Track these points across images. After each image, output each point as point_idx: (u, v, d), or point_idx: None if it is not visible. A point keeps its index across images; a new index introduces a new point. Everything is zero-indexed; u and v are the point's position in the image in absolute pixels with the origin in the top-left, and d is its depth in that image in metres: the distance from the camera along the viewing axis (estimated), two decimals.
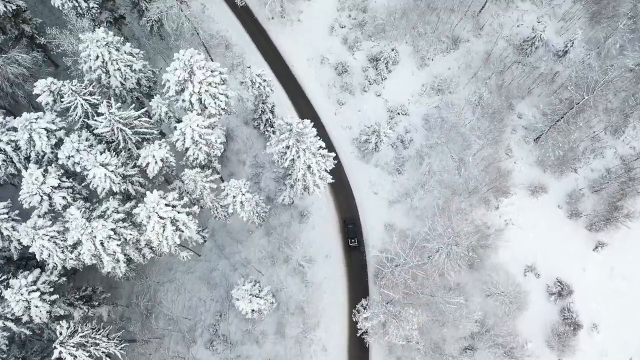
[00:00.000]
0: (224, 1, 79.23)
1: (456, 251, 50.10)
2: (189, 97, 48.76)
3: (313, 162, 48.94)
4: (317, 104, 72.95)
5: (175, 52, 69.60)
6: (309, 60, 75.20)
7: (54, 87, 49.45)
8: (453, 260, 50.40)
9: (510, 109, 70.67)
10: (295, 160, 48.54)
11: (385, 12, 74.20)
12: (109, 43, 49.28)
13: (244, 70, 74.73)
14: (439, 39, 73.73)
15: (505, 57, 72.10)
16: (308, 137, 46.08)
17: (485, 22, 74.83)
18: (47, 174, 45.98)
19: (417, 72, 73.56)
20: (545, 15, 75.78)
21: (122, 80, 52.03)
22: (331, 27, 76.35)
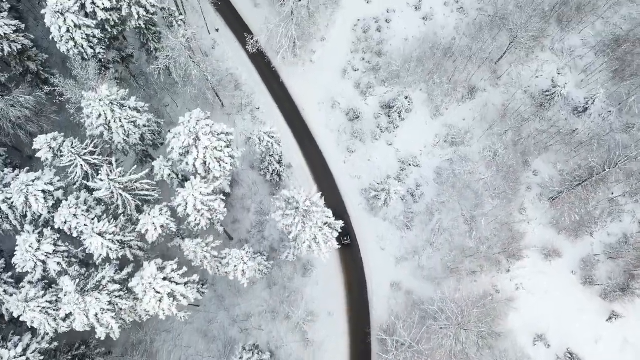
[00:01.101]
0: (234, 37, 77.29)
1: (465, 337, 47.79)
2: (193, 161, 46.82)
3: (319, 235, 46.80)
4: (327, 150, 70.83)
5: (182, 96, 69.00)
6: (319, 104, 73.08)
7: (54, 144, 47.63)
8: (461, 344, 48.09)
9: (526, 166, 68.25)
10: (301, 233, 46.43)
11: (401, 57, 71.85)
12: (113, 101, 47.34)
13: (253, 111, 72.85)
14: (455, 88, 71.32)
15: (523, 110, 69.56)
16: (315, 215, 43.93)
17: (503, 72, 72.35)
18: (42, 239, 44.22)
19: (430, 122, 71.24)
20: (566, 67, 73.24)
21: (125, 137, 50.11)
22: (344, 70, 74.18)
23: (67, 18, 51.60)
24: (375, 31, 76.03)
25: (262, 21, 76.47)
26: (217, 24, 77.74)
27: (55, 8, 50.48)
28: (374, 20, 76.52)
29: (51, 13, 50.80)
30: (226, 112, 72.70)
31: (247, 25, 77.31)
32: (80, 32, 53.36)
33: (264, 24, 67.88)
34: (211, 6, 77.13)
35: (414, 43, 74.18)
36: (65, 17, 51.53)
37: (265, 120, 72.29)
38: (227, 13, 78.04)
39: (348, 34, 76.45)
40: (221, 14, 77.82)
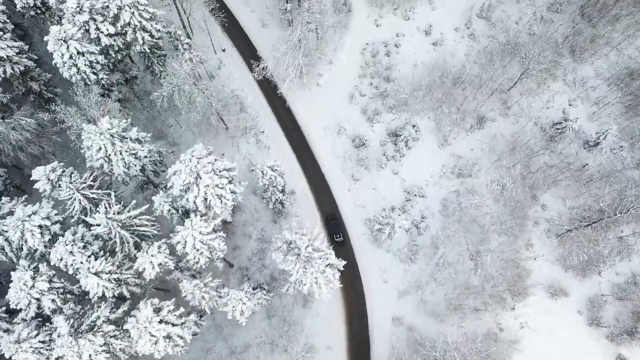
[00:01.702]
0: (241, 57, 76.21)
1: None
2: (194, 198, 45.68)
3: (321, 278, 45.56)
4: (331, 178, 69.62)
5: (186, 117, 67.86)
6: (325, 129, 71.86)
7: (53, 176, 46.67)
8: None
9: (534, 200, 66.80)
10: (302, 277, 45.21)
11: (409, 85, 70.53)
12: (113, 134, 46.29)
13: (257, 134, 71.70)
14: (463, 117, 69.93)
15: (533, 143, 68.09)
16: (317, 262, 42.72)
17: (513, 102, 70.89)
18: (37, 276, 43.19)
19: (437, 151, 69.87)
20: (578, 98, 71.71)
21: (125, 169, 49.06)
22: (351, 95, 72.94)
23: (70, 45, 50.69)
24: (384, 55, 74.74)
25: (270, 43, 75.54)
26: (224, 44, 76.69)
27: (58, 35, 49.56)
28: (383, 44, 75.23)
29: (54, 40, 49.84)
30: (230, 135, 71.61)
31: (255, 46, 76.15)
32: (83, 58, 52.43)
33: (271, 52, 66.56)
34: (218, 26, 76.17)
35: (423, 69, 72.86)
36: (68, 44, 50.56)
37: (269, 144, 71.22)
38: (234, 33, 76.96)
39: (356, 58, 75.20)
40: (228, 34, 76.79)
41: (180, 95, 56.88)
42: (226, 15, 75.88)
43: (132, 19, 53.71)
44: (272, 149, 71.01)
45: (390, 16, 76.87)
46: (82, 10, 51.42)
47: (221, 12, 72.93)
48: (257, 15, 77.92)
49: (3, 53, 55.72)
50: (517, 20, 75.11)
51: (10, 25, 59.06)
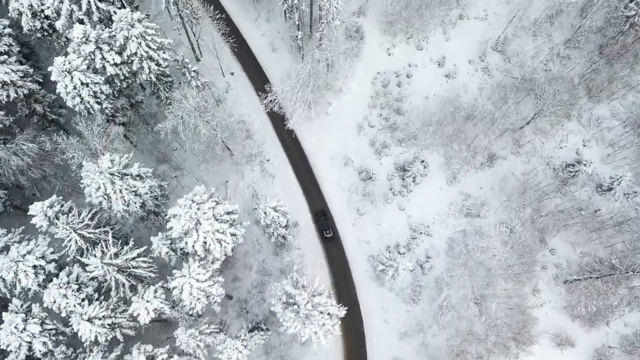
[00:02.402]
0: (249, 82, 74.93)
1: None
2: (193, 243, 44.41)
3: (320, 331, 44.18)
4: (336, 211, 68.20)
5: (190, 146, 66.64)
6: (332, 159, 70.46)
7: (50, 213, 45.55)
8: None
9: (543, 244, 65.05)
10: (301, 330, 43.85)
11: (419, 119, 68.97)
12: (114, 173, 45.11)
13: (263, 162, 70.42)
14: (474, 154, 68.28)
15: (544, 185, 66.34)
16: (316, 318, 41.32)
17: (525, 141, 69.15)
18: (29, 318, 42.10)
19: (445, 188, 68.26)
20: (592, 139, 69.84)
21: (125, 207, 47.90)
22: (360, 126, 71.47)
23: (74, 76, 49.60)
24: (395, 86, 73.20)
25: (280, 67, 74.61)
26: (233, 67, 75.44)
27: (62, 67, 48.53)
28: (395, 74, 73.68)
29: (58, 72, 48.75)
30: (235, 162, 70.38)
31: (264, 70, 74.97)
32: (87, 89, 51.32)
33: (280, 85, 65.17)
34: (228, 49, 74.92)
35: (435, 102, 71.24)
36: (72, 75, 49.48)
37: (274, 173, 69.95)
38: (244, 56, 75.69)
39: (367, 87, 73.70)
40: (238, 57, 75.54)
41: (185, 127, 55.59)
42: (236, 38, 74.71)
43: (139, 49, 52.58)
44: (276, 178, 69.72)
45: (403, 45, 75.30)
46: (88, 40, 50.33)
47: (231, 37, 71.82)
48: (267, 39, 76.62)
49: (7, 78, 54.71)
50: (533, 55, 73.29)
51: (16, 47, 58.10)
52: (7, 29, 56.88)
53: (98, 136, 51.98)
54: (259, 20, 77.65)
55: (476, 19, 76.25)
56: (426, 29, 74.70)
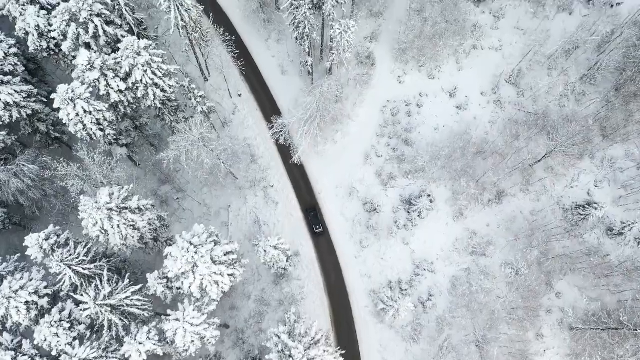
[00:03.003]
0: (257, 104, 73.88)
1: None
2: (189, 285, 43.31)
3: None
4: (338, 242, 66.96)
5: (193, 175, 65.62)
6: (337, 188, 69.20)
7: (46, 245, 44.64)
8: None
9: (549, 286, 63.40)
10: None
11: (428, 151, 67.46)
12: (112, 209, 44.11)
13: (266, 188, 69.30)
14: (482, 191, 66.76)
15: (553, 226, 64.72)
16: None
17: (536, 179, 67.53)
18: (18, 356, 41.16)
19: (451, 224, 66.79)
20: (605, 180, 68.10)
21: (122, 241, 46.91)
22: (367, 155, 70.15)
23: (77, 105, 48.65)
24: (404, 115, 71.86)
25: (288, 91, 73.68)
26: (241, 88, 74.41)
27: (65, 95, 47.56)
28: (405, 103, 72.34)
29: (60, 100, 47.82)
30: (238, 186, 69.30)
31: (272, 93, 73.96)
32: (90, 116, 50.37)
33: (286, 117, 63.90)
34: (237, 69, 73.81)
35: (445, 134, 69.81)
36: (75, 103, 48.53)
37: (278, 199, 68.80)
38: (252, 78, 74.67)
39: (376, 115, 72.43)
40: (246, 78, 74.50)
41: (188, 157, 54.54)
42: (245, 58, 73.96)
43: (144, 77, 51.58)
44: (279, 205, 68.59)
45: (415, 73, 73.93)
46: (93, 67, 49.36)
47: (240, 58, 71.01)
48: (277, 61, 75.49)
49: (10, 99, 53.85)
50: (548, 90, 71.64)
51: (21, 67, 57.27)
52: (12, 49, 55.88)
53: (99, 164, 50.94)
54: (269, 41, 76.54)
55: (490, 49, 74.76)
56: (439, 58, 73.29)
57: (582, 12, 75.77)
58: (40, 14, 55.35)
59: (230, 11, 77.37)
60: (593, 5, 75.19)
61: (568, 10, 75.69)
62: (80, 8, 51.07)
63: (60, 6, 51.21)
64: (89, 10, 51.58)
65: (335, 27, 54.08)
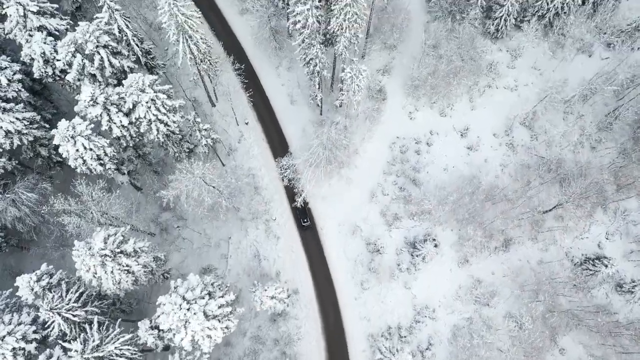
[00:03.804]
0: (263, 134, 72.45)
1: None
2: (180, 340, 41.98)
3: None
4: (339, 282, 65.44)
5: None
6: (340, 226, 67.65)
7: (37, 288, 43.54)
8: None
9: (553, 342, 61.54)
10: None
11: (436, 195, 65.75)
12: (106, 255, 42.89)
13: (268, 221, 67.91)
14: (489, 237, 64.96)
15: (561, 279, 62.83)
16: None
17: (545, 227, 65.64)
18: None
19: (455, 270, 65.08)
20: (617, 232, 66.11)
21: (116, 286, 45.69)
22: (373, 192, 68.53)
23: (78, 142, 47.48)
24: (413, 153, 70.21)
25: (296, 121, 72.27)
26: (248, 116, 73.04)
27: (65, 133, 46.40)
28: (415, 140, 70.69)
29: (61, 137, 46.70)
30: (240, 217, 67.94)
31: (280, 124, 72.61)
32: (91, 152, 49.23)
33: (292, 161, 62.42)
34: (245, 95, 72.54)
35: (454, 176, 68.17)
36: (76, 140, 47.39)
37: (279, 234, 67.40)
38: (260, 106, 73.28)
39: (384, 152, 70.81)
40: (254, 106, 73.10)
41: (188, 196, 53.28)
42: (254, 85, 72.98)
43: (148, 114, 50.37)
44: (281, 240, 67.17)
45: (427, 110, 72.27)
46: (95, 103, 48.17)
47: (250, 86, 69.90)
48: (286, 90, 74.08)
49: (12, 127, 52.83)
50: (562, 135, 69.68)
51: (25, 93, 56.21)
52: (16, 75, 54.84)
53: (97, 201, 49.78)
54: (279, 69, 75.17)
55: (505, 88, 73.01)
56: (452, 96, 71.58)
57: (602, 54, 73.83)
58: (47, 41, 54.30)
59: (242, 37, 76.12)
60: (613, 48, 73.13)
61: (588, 52, 73.77)
62: (87, 40, 49.90)
63: (66, 37, 50.10)
64: (96, 42, 50.41)
65: (346, 71, 52.58)
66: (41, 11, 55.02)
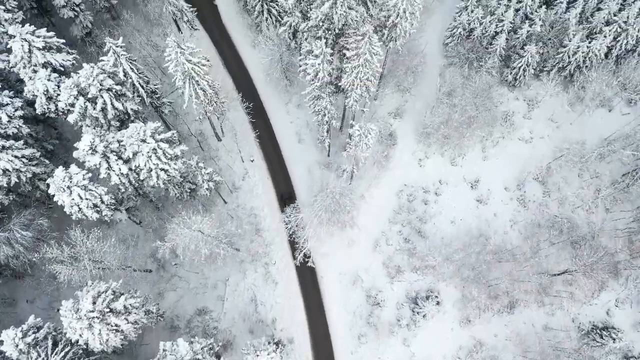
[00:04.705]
0: (269, 173, 70.77)
1: None
2: None
3: None
4: (336, 334, 63.69)
5: None
6: (341, 274, 65.87)
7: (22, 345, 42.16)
8: None
9: None
10: None
11: (442, 252, 63.84)
12: (94, 316, 41.41)
13: (268, 264, 66.31)
14: (494, 297, 62.80)
15: (565, 348, 60.52)
16: None
17: (553, 290, 63.40)
18: None
19: (457, 329, 63.03)
20: (627, 300, 63.69)
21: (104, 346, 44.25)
22: (376, 242, 66.68)
23: (74, 192, 46.07)
24: (421, 202, 68.20)
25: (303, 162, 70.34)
26: (254, 153, 71.44)
27: (61, 184, 45.02)
28: (423, 189, 68.67)
29: (56, 187, 45.32)
30: (239, 259, 66.33)
31: (286, 163, 70.96)
32: (87, 201, 47.82)
33: (294, 215, 60.73)
34: (252, 132, 71.04)
35: (461, 229, 66.26)
36: (72, 190, 45.99)
37: (278, 279, 65.83)
38: (267, 143, 71.64)
39: (391, 199, 68.88)
40: (261, 144, 71.46)
41: (185, 249, 51.75)
42: (262, 120, 71.68)
43: (148, 163, 48.88)
44: (279, 286, 65.56)
45: (437, 157, 70.22)
46: (94, 152, 46.75)
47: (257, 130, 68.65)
48: (295, 128, 72.38)
49: (10, 165, 51.58)
50: (577, 193, 67.33)
51: (26, 129, 54.96)
52: (18, 112, 53.58)
53: (90, 252, 48.36)
54: (289, 105, 73.47)
55: (520, 140, 70.77)
56: (464, 145, 69.41)
57: (623, 110, 71.42)
58: (52, 77, 52.99)
59: (253, 70, 74.45)
60: (635, 104, 70.67)
61: (608, 107, 71.37)
62: (90, 84, 48.51)
63: (68, 80, 48.69)
64: (99, 86, 49.01)
65: (355, 128, 50.76)
66: (47, 46, 53.67)
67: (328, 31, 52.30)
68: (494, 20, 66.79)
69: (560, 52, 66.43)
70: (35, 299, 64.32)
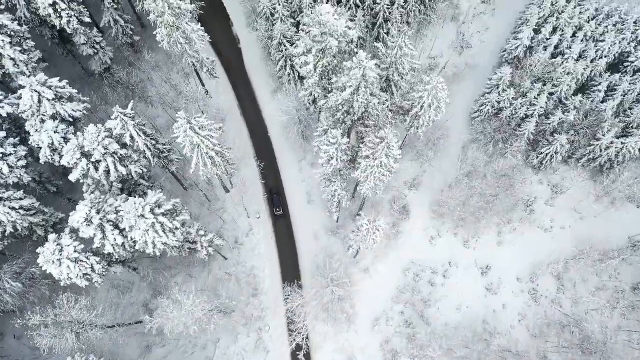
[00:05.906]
0: (273, 232, 68.45)
1: None
2: None
3: None
4: None
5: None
6: (335, 352, 63.27)
7: None
8: None
9: None
10: None
11: (442, 344, 60.61)
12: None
13: (261, 330, 64.08)
14: None
15: None
16: None
17: None
18: None
19: None
20: None
21: None
22: (376, 320, 63.99)
23: (64, 264, 44.29)
24: (427, 284, 65.27)
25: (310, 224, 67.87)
26: (262, 210, 69.24)
27: (50, 257, 43.30)
28: (431, 270, 65.73)
29: (45, 261, 43.61)
30: (233, 319, 64.12)
31: (292, 223, 68.69)
32: (77, 269, 46.05)
33: (295, 303, 58.32)
34: (262, 187, 68.96)
35: (466, 317, 63.26)
36: (61, 262, 44.22)
37: (270, 348, 63.70)
38: (276, 201, 69.16)
39: (397, 276, 66.07)
40: (269, 201, 69.15)
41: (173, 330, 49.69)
42: (274, 176, 69.42)
43: (146, 236, 46.89)
44: (270, 355, 63.21)
45: (450, 237, 67.13)
46: (90, 223, 44.92)
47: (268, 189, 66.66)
48: (306, 188, 69.91)
49: (6, 218, 50.08)
50: (593, 293, 63.71)
51: (28, 177, 53.43)
52: (21, 161, 52.07)
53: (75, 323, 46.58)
54: (302, 163, 71.06)
55: (539, 228, 67.31)
56: (479, 226, 66.21)
57: None
58: (59, 129, 51.41)
59: (270, 122, 72.13)
60: None
61: (637, 202, 67.40)
62: (94, 148, 46.70)
63: (72, 141, 46.96)
64: (103, 150, 47.20)
65: (363, 222, 48.13)
66: (58, 96, 52.00)
67: (347, 114, 49.74)
68: (525, 103, 63.60)
69: (592, 145, 62.90)
70: (22, 336, 63.03)
